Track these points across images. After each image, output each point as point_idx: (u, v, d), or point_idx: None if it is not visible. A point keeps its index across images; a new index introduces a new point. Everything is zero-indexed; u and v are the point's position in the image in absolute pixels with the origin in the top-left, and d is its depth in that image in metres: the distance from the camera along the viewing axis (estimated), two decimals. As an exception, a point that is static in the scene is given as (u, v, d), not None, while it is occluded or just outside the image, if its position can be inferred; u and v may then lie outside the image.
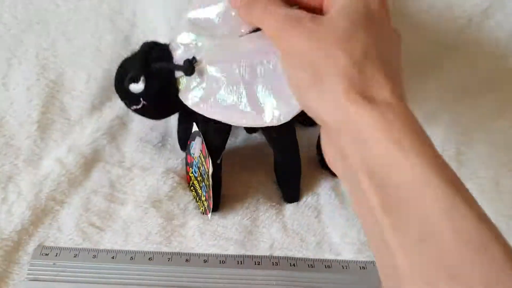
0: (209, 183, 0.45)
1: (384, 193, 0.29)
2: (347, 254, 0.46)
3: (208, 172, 0.45)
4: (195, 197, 0.49)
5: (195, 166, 0.48)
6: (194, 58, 0.43)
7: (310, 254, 0.46)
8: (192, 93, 0.44)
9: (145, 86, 0.44)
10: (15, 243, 0.44)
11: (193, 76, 0.43)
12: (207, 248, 0.45)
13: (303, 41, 0.34)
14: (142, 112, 0.47)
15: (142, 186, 0.50)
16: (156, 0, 0.53)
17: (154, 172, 0.51)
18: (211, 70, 0.42)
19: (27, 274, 0.42)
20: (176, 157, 0.53)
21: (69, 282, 0.42)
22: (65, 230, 0.46)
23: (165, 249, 0.45)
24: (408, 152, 0.29)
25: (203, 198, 0.47)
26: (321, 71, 0.33)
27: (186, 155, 0.51)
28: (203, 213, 0.48)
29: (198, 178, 0.47)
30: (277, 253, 0.45)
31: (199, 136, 0.46)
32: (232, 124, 0.44)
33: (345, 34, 0.33)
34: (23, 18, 0.52)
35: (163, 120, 0.54)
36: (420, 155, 0.28)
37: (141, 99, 0.45)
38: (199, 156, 0.46)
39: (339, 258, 0.45)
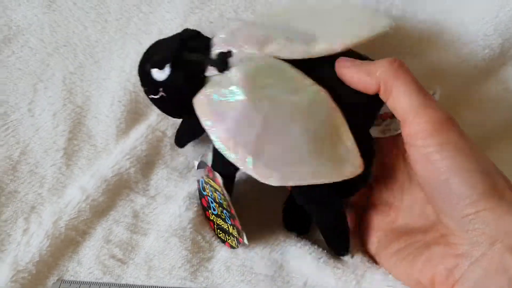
0: (226, 202, 0.40)
1: None
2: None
3: (222, 191, 0.40)
4: (225, 239, 0.44)
5: (210, 203, 0.43)
6: (230, 51, 0.37)
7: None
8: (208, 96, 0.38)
9: (169, 76, 0.39)
10: (33, 276, 0.41)
11: (225, 80, 0.37)
12: (235, 284, 0.41)
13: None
14: (159, 104, 0.42)
15: (165, 215, 0.46)
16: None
17: (177, 199, 0.47)
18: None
19: (43, 311, 0.39)
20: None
21: (87, 320, 0.39)
22: (85, 263, 0.43)
23: (190, 284, 0.41)
24: None
25: (231, 229, 0.42)
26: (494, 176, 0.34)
27: (200, 199, 0.46)
28: (236, 246, 0.43)
29: (219, 213, 0.43)
30: (312, 291, 0.41)
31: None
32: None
33: None
34: (50, 41, 0.51)
35: (191, 144, 0.50)
36: None
37: (161, 89, 0.39)
38: (209, 184, 0.42)
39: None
